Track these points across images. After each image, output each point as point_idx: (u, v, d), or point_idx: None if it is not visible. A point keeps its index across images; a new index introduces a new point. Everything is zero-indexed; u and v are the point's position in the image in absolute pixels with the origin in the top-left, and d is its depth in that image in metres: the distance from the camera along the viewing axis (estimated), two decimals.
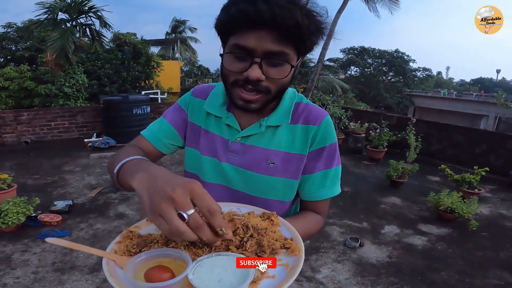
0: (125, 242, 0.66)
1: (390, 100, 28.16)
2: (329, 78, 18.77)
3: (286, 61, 0.73)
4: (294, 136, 0.86)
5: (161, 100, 11.13)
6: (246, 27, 0.69)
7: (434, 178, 5.41)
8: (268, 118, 0.86)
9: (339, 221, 3.74)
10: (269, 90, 0.76)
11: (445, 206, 3.62)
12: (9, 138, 6.99)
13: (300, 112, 0.88)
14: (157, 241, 0.64)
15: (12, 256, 2.86)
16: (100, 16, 8.13)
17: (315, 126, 0.86)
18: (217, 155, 0.89)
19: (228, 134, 0.89)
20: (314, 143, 0.86)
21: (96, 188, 4.48)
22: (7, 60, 12.42)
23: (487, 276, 2.81)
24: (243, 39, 0.70)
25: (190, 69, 28.64)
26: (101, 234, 3.30)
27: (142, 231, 0.71)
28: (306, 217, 0.89)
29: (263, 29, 0.68)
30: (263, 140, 0.86)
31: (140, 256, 0.58)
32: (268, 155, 0.86)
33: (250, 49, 0.70)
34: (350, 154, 6.72)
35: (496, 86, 56.94)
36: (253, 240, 0.63)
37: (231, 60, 0.75)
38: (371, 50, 31.13)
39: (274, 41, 0.69)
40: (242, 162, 0.87)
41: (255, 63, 0.71)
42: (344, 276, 2.75)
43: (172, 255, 0.59)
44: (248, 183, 0.88)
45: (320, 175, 0.88)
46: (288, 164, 0.86)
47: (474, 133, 6.27)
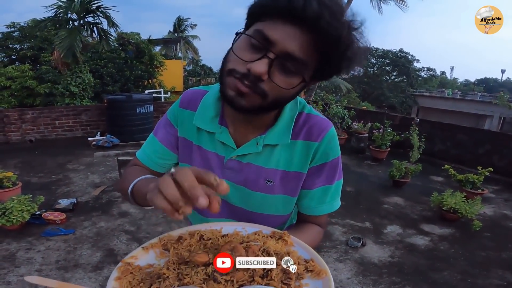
0: (125, 278, 0.59)
1: (394, 100, 28.05)
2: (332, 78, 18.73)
3: (299, 73, 0.64)
4: (293, 154, 0.80)
5: (164, 99, 11.17)
6: (282, 18, 0.60)
7: (437, 178, 5.40)
8: (266, 137, 0.79)
9: (342, 220, 3.74)
10: (266, 95, 0.65)
11: (448, 206, 3.61)
12: (13, 137, 7.05)
13: (301, 126, 0.80)
14: (167, 277, 0.57)
15: (16, 254, 2.89)
16: (108, 16, 8.19)
17: (316, 143, 0.79)
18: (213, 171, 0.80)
19: (223, 151, 0.82)
20: (315, 160, 0.81)
21: (99, 187, 4.51)
22: (11, 60, 12.50)
23: (489, 276, 2.80)
24: (270, 29, 0.61)
25: (193, 69, 28.67)
26: (104, 232, 3.32)
27: (140, 262, 0.64)
28: (309, 230, 0.86)
29: (298, 28, 0.60)
30: (260, 159, 0.81)
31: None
32: (266, 174, 0.81)
33: (271, 41, 0.61)
34: (353, 153, 6.71)
35: (501, 86, 56.53)
36: (278, 268, 0.58)
37: (244, 45, 0.65)
38: (374, 49, 31.01)
39: (301, 44, 0.60)
40: (239, 180, 0.83)
41: (266, 58, 0.61)
42: (346, 275, 2.76)
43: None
44: (246, 199, 0.85)
45: (320, 191, 0.84)
46: (287, 182, 0.82)
47: (478, 133, 6.24)
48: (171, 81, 14.23)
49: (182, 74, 18.74)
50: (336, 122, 7.44)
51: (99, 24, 8.30)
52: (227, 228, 0.73)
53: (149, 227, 3.46)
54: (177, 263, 0.61)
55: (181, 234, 0.70)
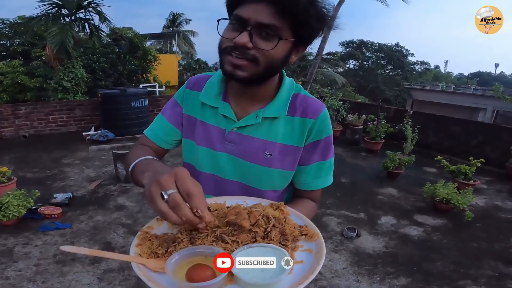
0: (145, 244, 0.66)
1: (389, 93, 28.18)
2: (327, 72, 18.73)
3: (276, 35, 0.74)
4: (292, 128, 0.88)
5: (159, 93, 11.12)
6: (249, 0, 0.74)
7: (430, 169, 5.46)
8: (265, 110, 0.87)
9: (337, 211, 3.78)
10: (257, 60, 0.76)
11: (440, 196, 3.66)
12: (7, 132, 6.99)
13: (298, 105, 0.89)
14: (181, 240, 0.64)
15: (13, 249, 2.90)
16: (100, 11, 8.10)
17: (312, 120, 0.87)
18: (213, 145, 0.91)
19: (225, 124, 0.90)
20: (311, 136, 0.89)
21: (95, 181, 4.51)
22: (2, 56, 12.35)
23: (481, 267, 2.86)
24: (242, 10, 0.75)
25: (188, 63, 28.48)
26: (101, 226, 3.33)
27: (157, 231, 0.72)
28: (304, 204, 0.93)
29: (262, 3, 0.72)
30: (260, 131, 0.87)
31: (173, 257, 0.59)
32: (265, 146, 0.87)
33: (245, 19, 0.73)
34: (348, 145, 6.76)
35: (494, 80, 56.89)
36: (276, 230, 0.66)
37: (227, 29, 0.79)
38: (369, 43, 31.05)
39: (268, 14, 0.72)
40: (239, 152, 0.89)
41: (245, 31, 0.73)
42: (341, 265, 2.80)
43: (204, 253, 0.61)
44: (243, 172, 0.90)
45: (315, 167, 0.92)
46: (285, 155, 0.88)
47: (470, 125, 6.31)
48: (165, 75, 14.16)
49: (177, 69, 18.64)
50: (331, 114, 7.46)
51: (90, 20, 8.23)
52: (230, 201, 0.81)
53: (145, 220, 3.47)
54: (188, 230, 0.67)
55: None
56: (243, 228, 0.64)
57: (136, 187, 4.29)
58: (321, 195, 0.99)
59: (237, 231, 0.65)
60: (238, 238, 0.63)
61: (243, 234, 0.64)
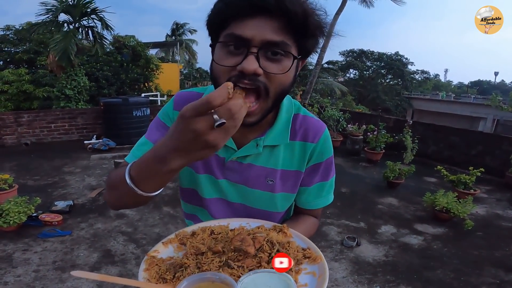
0: (153, 269, 0.67)
1: (389, 103, 28.24)
2: (327, 81, 18.84)
3: (287, 53, 0.65)
4: (292, 154, 0.85)
5: (160, 103, 11.18)
6: (246, 14, 0.62)
7: (430, 179, 5.46)
8: (266, 138, 0.81)
9: (337, 221, 3.78)
10: (267, 91, 0.65)
11: (440, 206, 3.67)
12: (9, 140, 7.03)
13: (298, 127, 0.85)
14: (188, 266, 0.65)
15: (13, 255, 2.90)
16: (102, 18, 8.18)
17: (313, 144, 0.85)
18: (213, 173, 0.86)
19: (224, 152, 0.84)
20: (312, 159, 0.87)
21: (96, 189, 4.52)
22: (7, 63, 12.44)
23: (482, 275, 2.85)
24: (240, 28, 0.62)
25: (189, 72, 28.70)
26: (101, 234, 3.34)
27: (163, 254, 0.73)
28: (305, 221, 0.92)
29: (265, 17, 0.62)
30: (260, 159, 0.84)
31: (182, 284, 0.60)
32: (267, 173, 0.84)
33: (247, 39, 0.61)
34: (348, 155, 6.77)
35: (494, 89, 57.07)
36: None
37: (224, 53, 0.65)
38: (370, 52, 31.27)
39: (276, 30, 0.62)
40: (240, 180, 0.86)
41: (251, 54, 0.62)
42: (341, 274, 2.80)
43: (211, 278, 0.61)
44: (245, 196, 0.88)
45: (316, 187, 0.91)
46: (286, 180, 0.87)
47: (470, 135, 6.33)
48: (167, 84, 14.26)
49: (179, 78, 18.77)
50: (331, 124, 7.50)
51: (94, 27, 8.30)
52: (233, 224, 0.82)
53: (146, 228, 3.48)
54: (194, 254, 0.69)
55: (194, 230, 0.79)
56: (248, 254, 0.65)
57: None
58: (321, 211, 1.00)
59: (242, 256, 0.66)
60: (244, 263, 0.64)
61: (248, 259, 0.65)
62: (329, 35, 12.67)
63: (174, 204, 4.06)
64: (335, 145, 7.52)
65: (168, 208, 3.99)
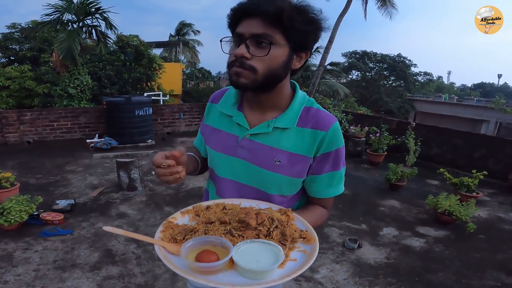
0: (168, 231, 0.80)
1: (392, 105, 28.18)
2: (330, 82, 18.81)
3: (269, 42, 0.83)
4: (303, 139, 0.94)
5: (163, 102, 11.19)
6: (242, 17, 0.86)
7: (433, 181, 5.44)
8: (276, 120, 0.95)
9: (338, 222, 3.77)
10: (255, 69, 0.85)
11: (443, 208, 3.65)
12: (12, 138, 7.06)
13: (310, 117, 0.95)
14: (197, 230, 0.78)
15: (13, 254, 2.90)
16: (106, 17, 8.21)
17: (323, 132, 0.93)
18: (228, 151, 1.00)
19: (238, 131, 0.99)
20: (322, 148, 0.94)
21: (98, 188, 4.53)
22: (11, 61, 12.50)
23: (484, 277, 2.83)
24: (239, 27, 0.86)
25: (191, 72, 28.73)
26: (102, 233, 3.34)
27: (179, 221, 0.86)
28: (314, 210, 1.01)
29: (253, 17, 0.83)
30: (270, 139, 0.95)
31: (188, 243, 0.72)
32: (275, 153, 0.94)
33: (241, 34, 0.85)
34: (350, 157, 6.75)
35: (497, 91, 56.82)
36: (278, 231, 0.77)
37: (232, 46, 0.91)
38: (372, 54, 31.21)
39: (260, 25, 0.83)
40: (251, 157, 0.96)
41: (243, 43, 0.85)
42: (342, 276, 2.78)
43: (214, 242, 0.73)
44: (254, 177, 0.98)
45: (327, 176, 0.98)
46: (294, 163, 0.94)
47: (473, 138, 6.29)
48: (169, 84, 14.26)
49: (181, 77, 18.77)
50: None
51: (98, 27, 8.33)
52: (244, 203, 0.93)
53: (147, 228, 3.48)
54: (205, 223, 0.81)
55: (209, 204, 0.92)
56: (249, 225, 0.76)
57: (139, 196, 4.32)
58: (332, 201, 1.06)
59: (244, 227, 0.76)
60: (244, 233, 0.75)
61: (249, 231, 0.75)
62: (332, 38, 12.65)
63: (175, 204, 4.06)
64: None
65: (169, 208, 3.99)
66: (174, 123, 8.85)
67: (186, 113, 8.98)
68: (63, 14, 7.78)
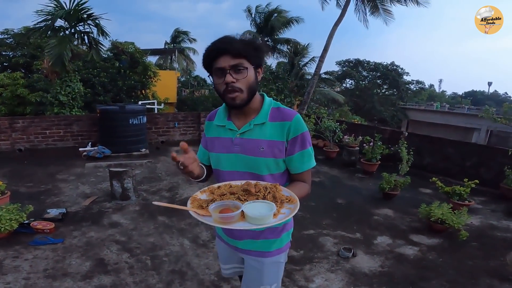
0: (195, 202, 1.11)
1: (385, 114, 28.42)
2: (325, 91, 18.94)
3: (244, 68, 1.18)
4: (275, 130, 1.27)
5: (157, 111, 11.13)
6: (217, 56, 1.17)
7: (425, 190, 5.48)
8: (254, 120, 1.29)
9: (333, 232, 3.77)
10: (241, 89, 1.19)
11: (435, 217, 3.67)
12: (3, 146, 6.97)
13: (278, 113, 1.30)
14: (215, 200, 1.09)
15: (3, 262, 2.85)
16: (98, 24, 8.14)
17: (289, 122, 1.27)
18: (227, 149, 1.32)
19: (231, 134, 1.32)
20: (290, 133, 1.26)
21: (90, 197, 4.48)
22: (4, 67, 12.39)
23: (477, 284, 2.84)
24: (218, 63, 1.18)
25: (187, 80, 28.77)
26: (94, 242, 3.29)
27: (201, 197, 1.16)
28: (295, 185, 1.30)
29: (225, 55, 1.16)
30: (253, 133, 1.28)
31: (213, 205, 1.05)
32: (259, 143, 1.27)
33: (223, 67, 1.17)
34: (344, 167, 6.79)
35: (488, 99, 57.68)
36: (270, 195, 1.09)
37: (216, 77, 1.21)
38: (366, 62, 31.58)
39: (231, 59, 1.16)
40: (243, 150, 1.29)
41: (227, 73, 1.17)
42: (337, 285, 2.77)
43: (228, 204, 1.06)
44: (248, 163, 1.29)
45: (299, 155, 1.29)
46: (273, 147, 1.26)
47: (465, 147, 6.36)
48: (164, 92, 14.16)
49: (176, 85, 18.71)
50: (328, 135, 7.53)
51: (90, 33, 8.26)
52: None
53: (140, 238, 3.44)
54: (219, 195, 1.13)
55: (219, 185, 1.21)
56: (251, 192, 1.09)
57: (132, 205, 4.28)
58: (310, 176, 1.36)
59: (247, 194, 1.09)
60: (248, 198, 1.08)
61: (251, 196, 1.08)
62: (327, 47, 12.79)
63: (169, 214, 4.02)
64: (331, 156, 7.57)
65: (163, 217, 3.96)
66: (169, 132, 8.82)
67: (180, 122, 8.96)
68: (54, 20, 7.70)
